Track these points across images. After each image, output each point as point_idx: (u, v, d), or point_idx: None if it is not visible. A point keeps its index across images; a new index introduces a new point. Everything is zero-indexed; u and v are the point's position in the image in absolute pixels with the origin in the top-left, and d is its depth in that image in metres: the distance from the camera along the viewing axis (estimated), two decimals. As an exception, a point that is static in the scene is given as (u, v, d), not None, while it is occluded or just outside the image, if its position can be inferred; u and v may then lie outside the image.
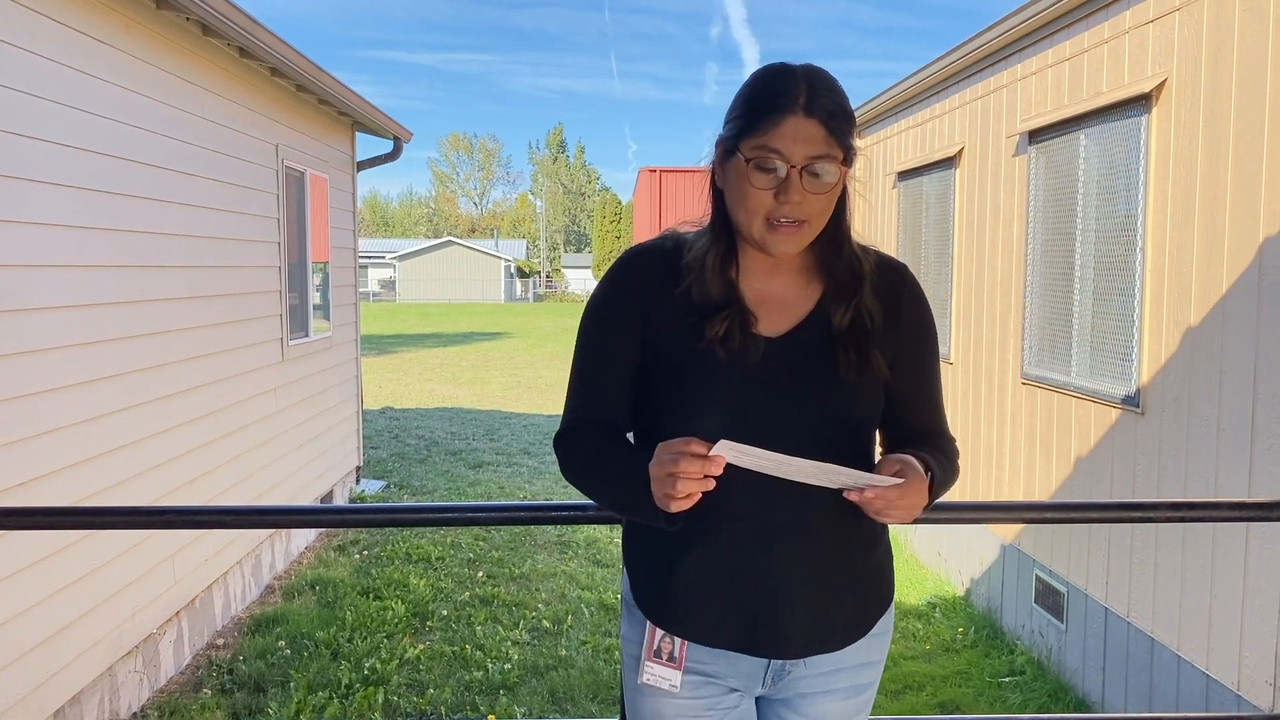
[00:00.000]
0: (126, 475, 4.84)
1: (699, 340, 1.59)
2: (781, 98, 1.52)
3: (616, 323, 1.67)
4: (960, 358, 7.29)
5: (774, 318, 1.64)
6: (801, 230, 1.57)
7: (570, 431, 1.70)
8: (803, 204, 1.54)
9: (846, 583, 1.65)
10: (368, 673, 5.37)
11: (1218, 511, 2.40)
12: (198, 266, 5.70)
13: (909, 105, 8.33)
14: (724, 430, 1.50)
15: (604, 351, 1.68)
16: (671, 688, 1.64)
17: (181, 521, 2.37)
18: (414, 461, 11.16)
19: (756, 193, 1.54)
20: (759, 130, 1.52)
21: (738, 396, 1.58)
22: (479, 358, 24.21)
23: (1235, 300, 4.17)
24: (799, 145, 1.51)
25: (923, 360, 1.72)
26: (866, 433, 1.68)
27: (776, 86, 1.54)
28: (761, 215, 1.55)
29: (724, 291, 1.62)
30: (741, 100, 1.59)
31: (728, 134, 1.59)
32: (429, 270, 64.78)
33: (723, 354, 1.58)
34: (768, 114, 1.53)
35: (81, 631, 4.42)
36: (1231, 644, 4.16)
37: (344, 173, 9.13)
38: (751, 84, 1.59)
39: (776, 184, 1.52)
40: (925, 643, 6.13)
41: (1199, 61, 4.45)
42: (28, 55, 4.08)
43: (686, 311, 1.62)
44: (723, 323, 1.59)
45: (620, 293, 1.67)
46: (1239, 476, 4.13)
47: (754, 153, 1.53)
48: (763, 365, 1.59)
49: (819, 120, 1.52)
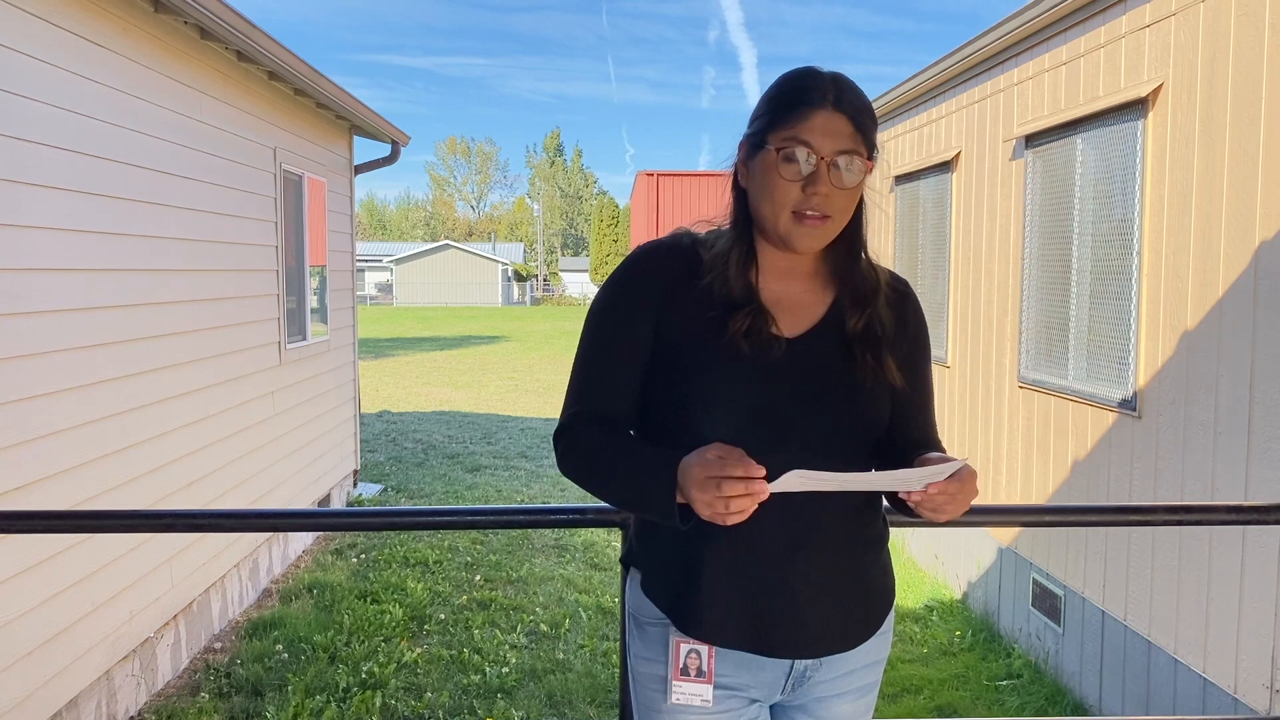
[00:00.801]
0: (124, 479, 4.84)
1: (720, 335, 1.60)
2: (811, 93, 1.56)
3: (630, 317, 1.65)
4: (957, 361, 7.30)
5: (790, 319, 1.65)
6: (826, 225, 1.58)
7: (574, 424, 1.67)
8: (830, 197, 1.56)
9: (859, 582, 1.67)
10: (365, 676, 5.37)
11: (1214, 515, 2.41)
12: (195, 270, 5.70)
13: (906, 109, 8.35)
14: (741, 428, 1.52)
15: (615, 345, 1.66)
16: (704, 704, 1.62)
17: (180, 525, 2.37)
18: (411, 465, 11.16)
19: (784, 184, 1.56)
20: (788, 123, 1.56)
21: (758, 393, 1.58)
22: (476, 361, 24.21)
23: (1231, 304, 4.18)
24: (828, 139, 1.54)
25: (922, 373, 1.75)
26: (874, 436, 1.69)
27: (806, 83, 1.58)
28: (788, 208, 1.57)
29: (744, 290, 1.62)
30: (769, 98, 1.62)
31: (755, 129, 1.61)
32: (426, 274, 64.78)
33: (747, 349, 1.59)
34: (796, 107, 1.56)
35: (79, 635, 4.42)
36: (1228, 647, 4.17)
37: (341, 176, 9.14)
38: (779, 84, 1.62)
39: (804, 176, 1.55)
40: (923, 646, 6.13)
41: (1195, 67, 4.46)
42: (25, 59, 4.09)
43: (707, 307, 1.62)
44: (746, 319, 1.60)
45: (635, 287, 1.66)
46: (1235, 480, 4.14)
47: (783, 143, 1.55)
48: (782, 364, 1.60)
49: (847, 115, 1.55)
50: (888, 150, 8.91)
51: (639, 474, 1.55)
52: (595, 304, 1.70)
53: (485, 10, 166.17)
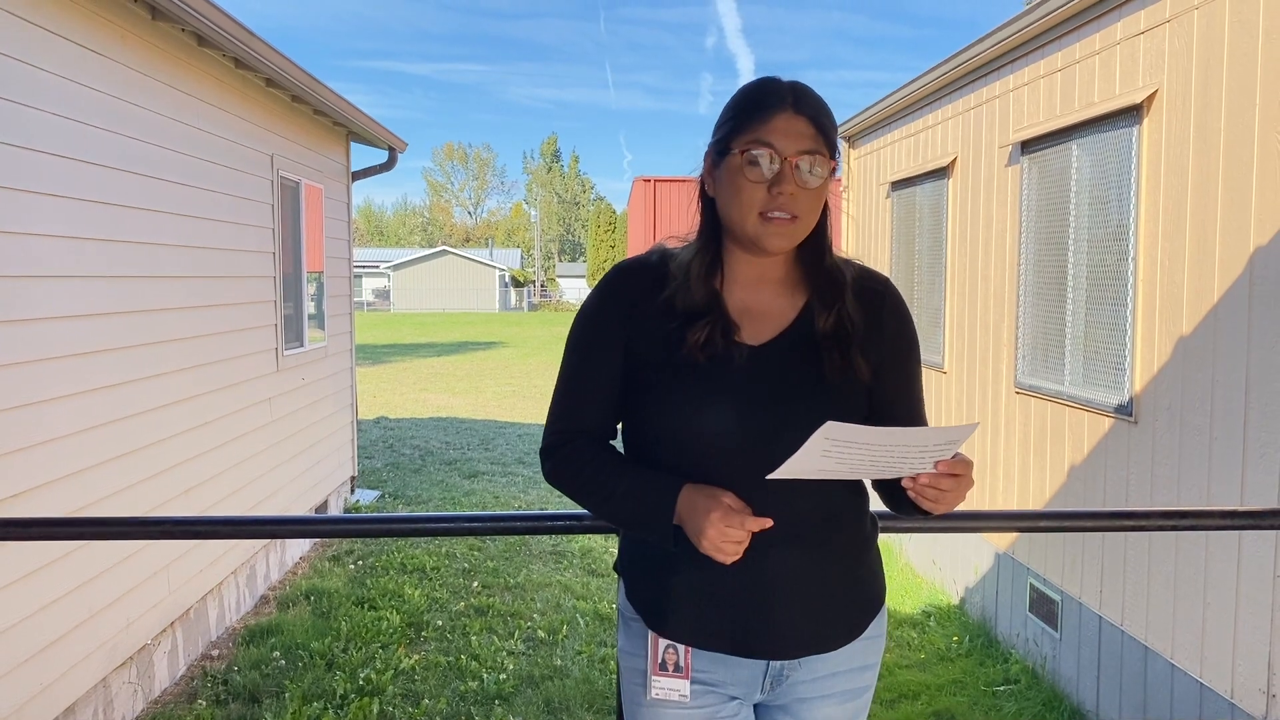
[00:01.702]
0: (122, 485, 4.84)
1: (680, 347, 1.63)
2: (770, 96, 1.61)
3: (601, 337, 1.70)
4: (954, 367, 7.31)
5: (757, 327, 1.67)
6: (794, 225, 1.61)
7: (561, 442, 1.72)
8: (795, 197, 1.59)
9: (839, 585, 1.68)
10: (362, 683, 5.36)
11: (1210, 520, 2.41)
12: (193, 277, 5.70)
13: (902, 115, 8.37)
14: (707, 438, 1.58)
15: (589, 366, 1.71)
16: (681, 698, 1.66)
17: (177, 532, 2.37)
18: (409, 471, 11.15)
19: (750, 186, 1.59)
20: (750, 126, 1.60)
21: (719, 402, 1.61)
22: (473, 367, 24.20)
23: (1226, 310, 4.20)
24: (790, 139, 1.58)
25: (906, 371, 1.76)
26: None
27: (765, 89, 1.63)
28: (755, 209, 1.60)
29: (707, 299, 1.65)
30: (730, 106, 1.66)
31: (719, 137, 1.65)
32: (423, 280, 64.78)
33: (704, 360, 1.61)
34: (758, 111, 1.60)
35: (76, 642, 4.41)
36: (1225, 652, 4.18)
37: (339, 183, 9.15)
38: (740, 93, 1.67)
39: (769, 177, 1.58)
40: (920, 651, 6.13)
41: (1189, 73, 4.48)
42: (23, 66, 4.09)
43: (669, 318, 1.65)
44: (704, 329, 1.62)
45: (606, 307, 1.70)
46: (1231, 485, 4.14)
47: (747, 146, 1.59)
48: (744, 372, 1.63)
49: (807, 117, 1.60)
50: (884, 156, 8.93)
51: (640, 496, 1.62)
52: (574, 324, 1.75)
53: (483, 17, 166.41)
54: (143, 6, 5.03)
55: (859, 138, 9.57)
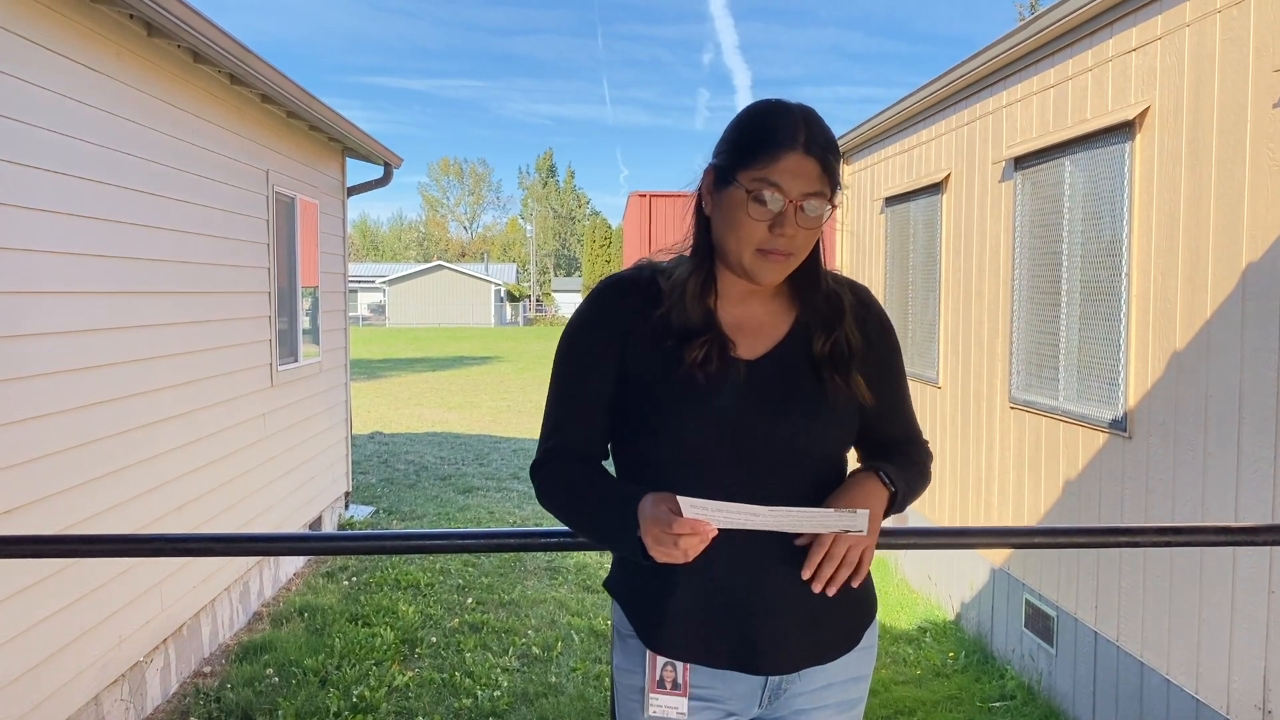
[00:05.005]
0: (115, 501, 4.82)
1: (678, 365, 1.63)
2: (781, 132, 1.58)
3: (591, 353, 1.70)
4: (949, 382, 7.32)
5: (750, 342, 1.68)
6: (789, 260, 1.62)
7: (548, 461, 1.73)
8: (795, 237, 1.59)
9: (834, 598, 1.68)
10: (356, 700, 5.34)
11: (1204, 535, 2.42)
12: (187, 292, 5.70)
13: (896, 131, 8.40)
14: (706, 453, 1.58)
15: (579, 382, 1.71)
16: (679, 715, 1.66)
17: (169, 550, 2.36)
18: (403, 487, 11.13)
19: (751, 223, 1.58)
20: (759, 163, 1.57)
21: (718, 418, 1.61)
22: (469, 382, 24.18)
23: (1220, 325, 4.21)
24: (797, 181, 1.57)
25: (891, 377, 1.77)
26: (842, 452, 1.74)
27: (777, 121, 1.60)
28: (753, 245, 1.60)
29: (703, 317, 1.66)
30: (740, 131, 1.63)
31: (724, 163, 1.63)
32: (419, 294, 64.74)
33: (702, 378, 1.61)
34: (768, 148, 1.58)
35: (67, 660, 4.39)
36: (1220, 668, 4.17)
37: (334, 198, 9.16)
38: (749, 117, 1.64)
39: (772, 216, 1.57)
40: (916, 667, 6.12)
41: (1181, 89, 4.51)
42: (19, 83, 4.10)
43: (665, 336, 1.65)
44: (702, 347, 1.63)
45: (595, 323, 1.70)
46: (1225, 500, 4.15)
47: (753, 184, 1.57)
48: (742, 387, 1.63)
49: (816, 158, 1.58)
50: (878, 171, 8.96)
51: (602, 514, 1.63)
52: (562, 341, 1.74)
53: (480, 33, 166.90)
54: (139, 23, 5.04)
55: (853, 153, 9.60)
